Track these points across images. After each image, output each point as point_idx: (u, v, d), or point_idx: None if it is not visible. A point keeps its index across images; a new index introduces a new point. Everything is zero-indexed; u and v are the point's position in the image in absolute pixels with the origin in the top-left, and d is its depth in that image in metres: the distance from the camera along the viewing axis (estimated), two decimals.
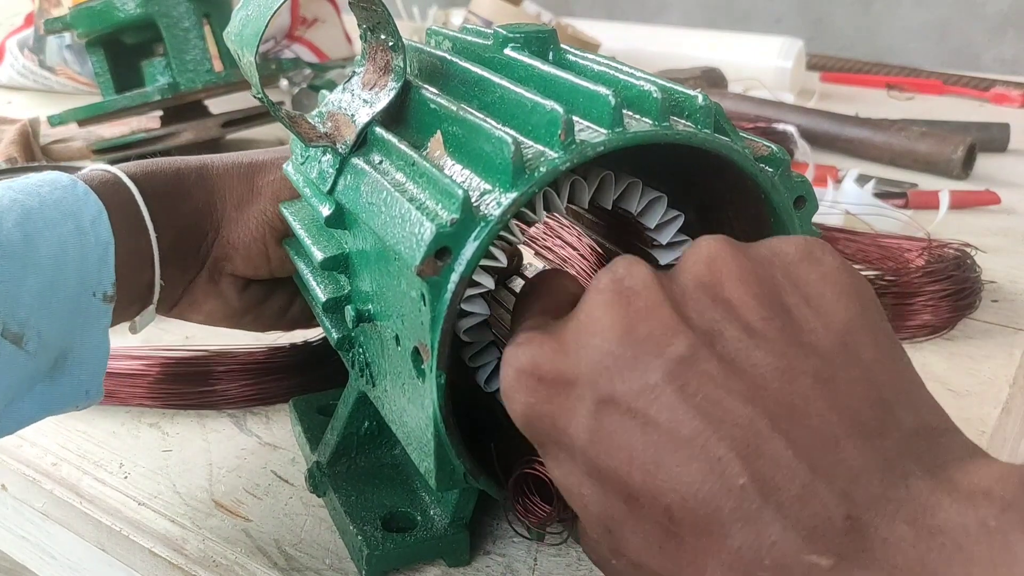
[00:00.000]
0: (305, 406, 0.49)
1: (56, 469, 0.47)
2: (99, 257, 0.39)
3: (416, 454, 0.36)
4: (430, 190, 0.32)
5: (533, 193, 0.30)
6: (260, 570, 0.40)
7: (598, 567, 0.31)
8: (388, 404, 0.38)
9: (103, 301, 0.40)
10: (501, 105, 0.34)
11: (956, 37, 1.96)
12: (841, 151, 1.00)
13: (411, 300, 0.32)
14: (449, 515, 0.39)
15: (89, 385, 0.41)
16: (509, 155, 0.30)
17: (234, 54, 0.38)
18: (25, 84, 1.33)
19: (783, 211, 0.35)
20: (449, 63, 0.39)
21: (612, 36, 1.40)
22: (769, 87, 1.21)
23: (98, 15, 0.89)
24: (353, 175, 0.37)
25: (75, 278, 0.38)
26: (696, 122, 0.34)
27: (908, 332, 0.60)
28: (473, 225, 0.30)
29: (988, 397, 0.54)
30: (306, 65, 1.18)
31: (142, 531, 0.43)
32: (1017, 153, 1.02)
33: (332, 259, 0.39)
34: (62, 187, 0.40)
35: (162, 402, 0.52)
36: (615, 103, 0.31)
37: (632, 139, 0.31)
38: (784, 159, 0.35)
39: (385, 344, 0.36)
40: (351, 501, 0.41)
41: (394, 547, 0.38)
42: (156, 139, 0.94)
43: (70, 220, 0.39)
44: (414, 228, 0.31)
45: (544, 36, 0.38)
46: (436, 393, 0.32)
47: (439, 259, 0.30)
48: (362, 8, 0.37)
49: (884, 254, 0.67)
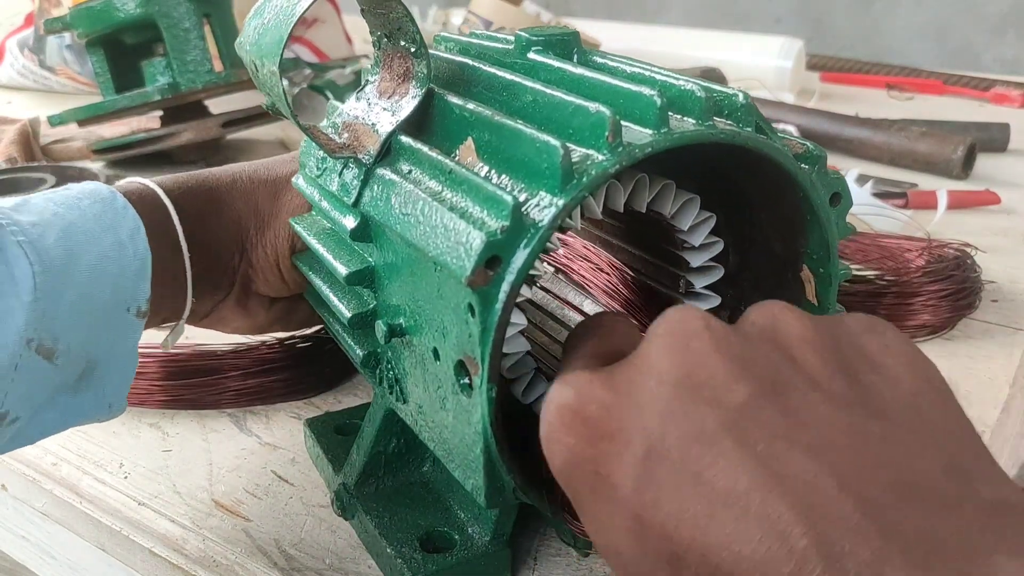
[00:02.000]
0: (321, 426, 0.47)
1: (56, 469, 0.47)
2: (136, 272, 0.39)
3: (460, 471, 0.34)
4: (473, 198, 0.31)
5: (583, 198, 0.29)
6: (260, 570, 0.40)
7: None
8: (423, 421, 0.37)
9: (136, 316, 0.39)
10: (535, 109, 0.33)
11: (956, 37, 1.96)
12: (841, 151, 1.00)
13: (455, 312, 0.31)
14: (489, 532, 0.39)
15: (113, 399, 0.40)
16: (558, 160, 0.29)
17: (249, 65, 0.36)
18: (25, 84, 1.33)
19: (821, 208, 0.35)
20: (471, 68, 0.38)
21: (612, 36, 1.40)
22: (769, 87, 1.21)
23: (98, 15, 0.89)
24: (381, 186, 0.35)
25: (111, 293, 0.38)
26: (737, 121, 0.33)
27: (908, 332, 0.60)
28: (523, 232, 0.29)
29: (988, 397, 0.54)
30: (306, 65, 1.18)
31: (142, 531, 0.43)
32: (1017, 153, 1.02)
33: (357, 273, 0.37)
34: (102, 200, 0.40)
35: (161, 402, 0.52)
36: (661, 103, 0.30)
37: (679, 139, 0.31)
38: (821, 155, 0.35)
39: (420, 359, 0.35)
40: (384, 523, 0.40)
41: (436, 569, 0.37)
42: (156, 139, 0.94)
43: (109, 234, 0.39)
44: (461, 237, 0.29)
45: (567, 39, 0.38)
46: (486, 407, 0.30)
47: (489, 268, 0.29)
48: (379, 15, 0.36)
49: (884, 254, 0.67)
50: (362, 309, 0.38)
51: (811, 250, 0.37)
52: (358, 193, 0.36)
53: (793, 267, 0.38)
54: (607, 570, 0.39)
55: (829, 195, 0.35)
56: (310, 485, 0.45)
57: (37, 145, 0.98)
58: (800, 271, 0.38)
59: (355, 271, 0.37)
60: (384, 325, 0.35)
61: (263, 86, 0.36)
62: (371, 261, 0.38)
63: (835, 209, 0.35)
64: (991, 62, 1.91)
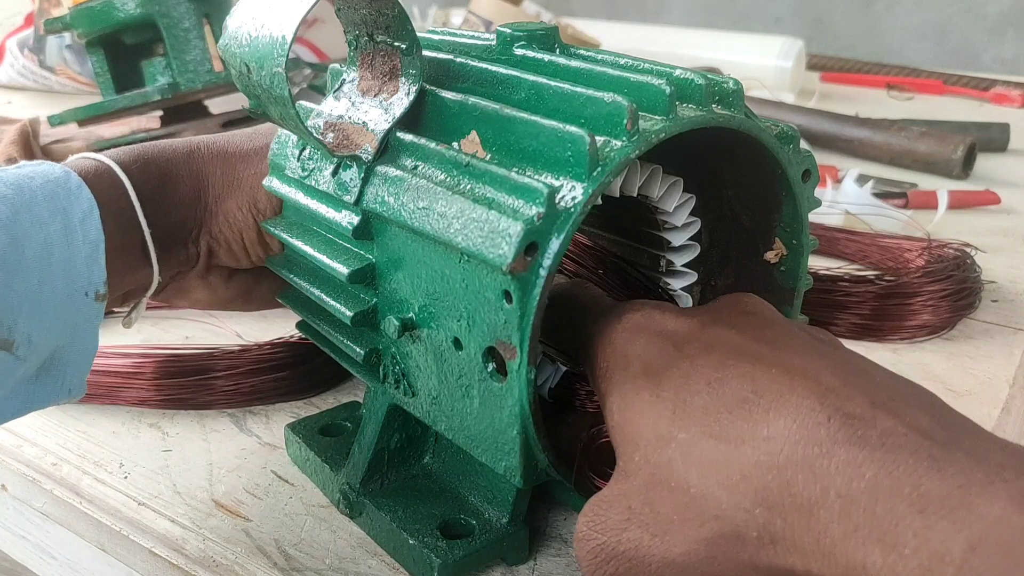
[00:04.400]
0: (305, 430, 0.47)
1: (56, 469, 0.47)
2: (88, 256, 0.38)
3: (488, 455, 0.35)
4: (498, 188, 0.32)
5: (609, 183, 0.31)
6: (260, 570, 0.40)
7: None
8: (438, 411, 0.37)
9: (95, 300, 0.39)
10: (537, 101, 0.34)
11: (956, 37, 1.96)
12: (841, 151, 1.00)
13: (484, 301, 0.32)
14: (507, 513, 0.39)
15: (72, 384, 0.40)
16: (585, 148, 0.30)
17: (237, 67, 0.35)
18: (25, 84, 1.33)
19: (795, 184, 0.37)
20: (458, 65, 0.38)
21: (612, 36, 1.40)
22: (769, 87, 1.21)
23: (98, 15, 0.89)
24: (385, 183, 0.36)
25: (63, 280, 0.37)
26: (729, 106, 0.35)
27: (908, 332, 0.60)
28: (557, 219, 0.30)
29: (988, 397, 0.54)
30: (306, 65, 1.18)
31: (142, 531, 0.43)
32: (1017, 153, 1.02)
33: (359, 272, 0.38)
34: (54, 179, 0.38)
35: (160, 402, 0.52)
36: (670, 91, 0.32)
37: (688, 124, 0.33)
38: (795, 135, 0.37)
39: (435, 350, 0.35)
40: (399, 516, 0.40)
41: (463, 554, 0.38)
42: (156, 139, 0.93)
43: (59, 218, 0.37)
44: (496, 226, 0.30)
45: (548, 33, 0.38)
46: (526, 390, 0.32)
47: (528, 255, 0.30)
48: (360, 14, 0.36)
49: (884, 254, 0.67)
50: (363, 307, 0.38)
51: (784, 223, 0.39)
52: (359, 191, 0.36)
53: (764, 240, 0.40)
54: None
55: (801, 172, 0.38)
56: (310, 485, 0.45)
57: (37, 145, 0.98)
58: (772, 244, 0.40)
59: (357, 269, 0.37)
60: (396, 320, 0.36)
61: (255, 88, 0.35)
62: (371, 258, 0.38)
63: (806, 184, 0.38)
64: (991, 62, 1.91)
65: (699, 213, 0.41)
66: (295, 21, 0.32)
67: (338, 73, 0.39)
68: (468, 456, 0.41)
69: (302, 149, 0.41)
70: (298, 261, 0.43)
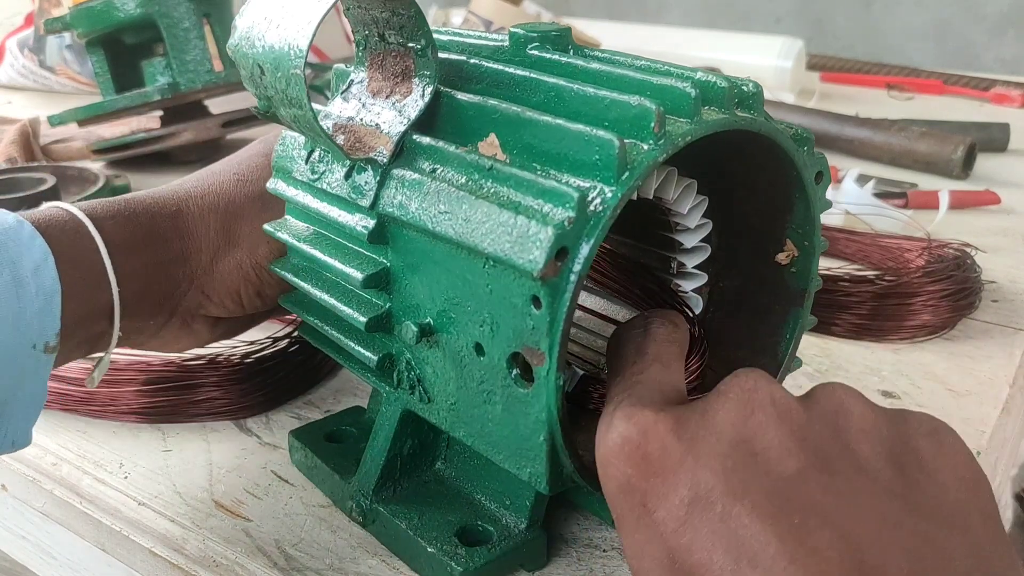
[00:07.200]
0: (309, 436, 0.46)
1: (56, 469, 0.47)
2: (40, 308, 0.37)
3: (512, 461, 0.35)
4: (525, 192, 0.31)
5: (638, 187, 0.31)
6: (260, 570, 0.40)
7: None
8: (456, 417, 0.36)
9: (44, 352, 0.37)
10: (558, 103, 0.34)
11: (956, 37, 1.96)
12: (841, 151, 1.00)
13: (511, 306, 0.31)
14: (525, 519, 0.39)
15: (16, 435, 0.38)
16: (614, 152, 0.30)
17: (249, 69, 0.34)
18: (25, 84, 1.33)
19: (809, 186, 0.37)
20: (471, 66, 0.37)
21: (612, 36, 1.40)
22: (769, 87, 1.21)
23: (98, 15, 0.89)
24: (402, 186, 0.35)
25: (11, 333, 0.36)
26: (750, 109, 0.35)
27: (908, 332, 0.60)
28: (587, 223, 0.30)
29: (988, 397, 0.54)
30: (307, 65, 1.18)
31: (142, 531, 0.43)
32: (1017, 153, 1.02)
33: (374, 276, 0.37)
34: (5, 230, 0.37)
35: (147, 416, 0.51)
36: (695, 95, 0.32)
37: (712, 127, 0.33)
38: (809, 137, 0.37)
39: (454, 356, 0.35)
40: (415, 524, 0.39)
41: (483, 562, 0.37)
42: (156, 139, 0.94)
43: (6, 270, 0.36)
44: (525, 231, 0.30)
45: (562, 34, 0.38)
46: (554, 396, 0.31)
47: (558, 260, 0.30)
48: (372, 14, 0.35)
49: (884, 254, 0.67)
50: (377, 312, 0.37)
51: (796, 224, 0.39)
52: (375, 195, 0.36)
53: (773, 241, 0.40)
54: (607, 570, 0.40)
55: (814, 173, 0.37)
56: (310, 485, 0.45)
57: (37, 145, 0.98)
58: (782, 245, 0.40)
59: (372, 274, 0.37)
60: (415, 326, 0.35)
61: (268, 89, 0.34)
62: (385, 263, 0.37)
63: (819, 186, 0.38)
64: (991, 62, 1.91)
65: (708, 214, 0.41)
66: (314, 22, 0.32)
67: (344, 74, 0.39)
68: (481, 461, 0.41)
69: (310, 151, 0.39)
70: (304, 266, 0.42)
